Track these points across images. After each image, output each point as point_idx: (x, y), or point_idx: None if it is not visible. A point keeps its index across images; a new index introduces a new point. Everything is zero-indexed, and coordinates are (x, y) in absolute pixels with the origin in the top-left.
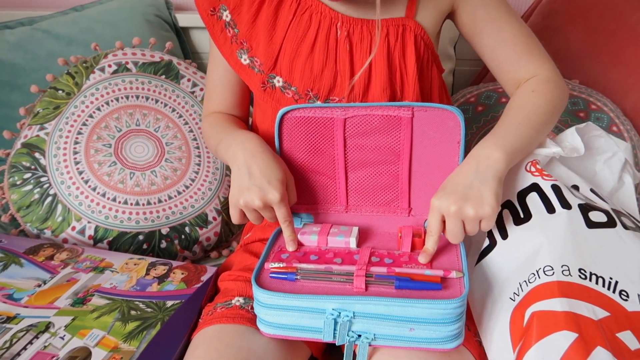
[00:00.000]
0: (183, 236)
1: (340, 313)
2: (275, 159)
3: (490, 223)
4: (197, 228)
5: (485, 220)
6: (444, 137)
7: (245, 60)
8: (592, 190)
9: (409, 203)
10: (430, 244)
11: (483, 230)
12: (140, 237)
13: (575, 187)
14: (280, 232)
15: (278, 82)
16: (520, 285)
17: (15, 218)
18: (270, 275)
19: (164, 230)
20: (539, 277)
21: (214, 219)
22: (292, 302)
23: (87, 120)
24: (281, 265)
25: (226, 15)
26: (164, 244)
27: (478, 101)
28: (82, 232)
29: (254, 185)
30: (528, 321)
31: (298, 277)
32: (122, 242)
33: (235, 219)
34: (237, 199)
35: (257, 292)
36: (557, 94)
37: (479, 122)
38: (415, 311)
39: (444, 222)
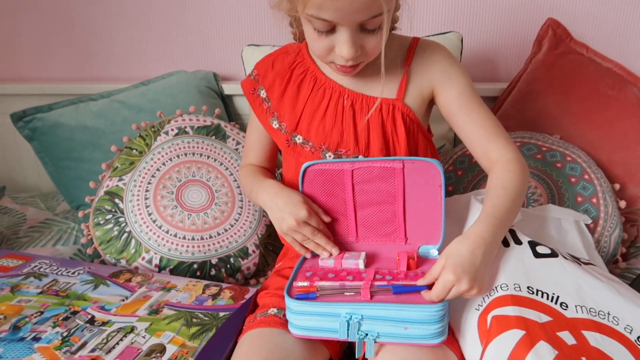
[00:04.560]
0: (228, 265)
1: (351, 316)
2: (292, 191)
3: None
4: (240, 259)
5: (479, 295)
6: (429, 182)
7: (275, 125)
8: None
9: (405, 234)
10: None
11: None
12: (195, 266)
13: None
14: (304, 259)
15: (299, 139)
16: (483, 299)
17: (97, 251)
18: (296, 296)
19: (214, 261)
20: (497, 292)
21: (253, 251)
22: (315, 309)
23: (155, 173)
24: (306, 284)
25: (263, 93)
26: (213, 272)
27: None
28: (149, 261)
29: (285, 213)
30: (490, 324)
31: (318, 294)
32: (181, 270)
33: (291, 243)
34: (281, 229)
35: (289, 302)
36: (524, 173)
37: (474, 171)
38: (408, 314)
39: None
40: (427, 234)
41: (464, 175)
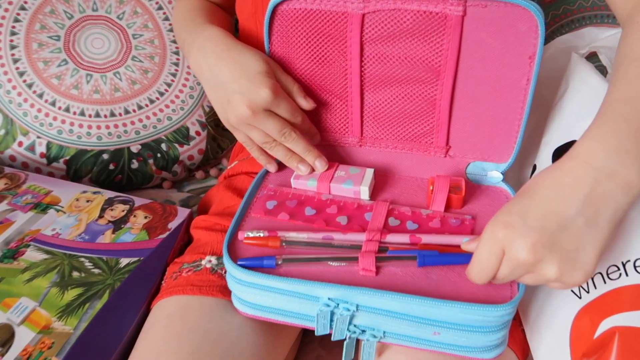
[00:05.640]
0: (159, 155)
1: (338, 304)
2: (248, 50)
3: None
4: (177, 145)
5: (564, 287)
6: (510, 47)
7: None
8: None
9: (447, 140)
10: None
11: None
12: (105, 156)
13: None
14: (265, 173)
15: None
16: (593, 279)
17: None
18: (239, 262)
19: (134, 148)
20: (627, 275)
21: (197, 133)
22: (275, 284)
23: (25, 3)
24: (261, 235)
25: None
26: (135, 164)
27: None
28: (31, 148)
29: (234, 93)
30: (604, 335)
31: (279, 261)
32: (83, 162)
33: (245, 144)
34: (226, 119)
35: (230, 267)
36: None
37: (547, 17)
38: (443, 313)
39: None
40: (488, 143)
41: None
